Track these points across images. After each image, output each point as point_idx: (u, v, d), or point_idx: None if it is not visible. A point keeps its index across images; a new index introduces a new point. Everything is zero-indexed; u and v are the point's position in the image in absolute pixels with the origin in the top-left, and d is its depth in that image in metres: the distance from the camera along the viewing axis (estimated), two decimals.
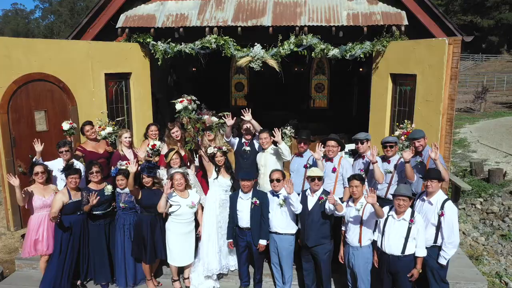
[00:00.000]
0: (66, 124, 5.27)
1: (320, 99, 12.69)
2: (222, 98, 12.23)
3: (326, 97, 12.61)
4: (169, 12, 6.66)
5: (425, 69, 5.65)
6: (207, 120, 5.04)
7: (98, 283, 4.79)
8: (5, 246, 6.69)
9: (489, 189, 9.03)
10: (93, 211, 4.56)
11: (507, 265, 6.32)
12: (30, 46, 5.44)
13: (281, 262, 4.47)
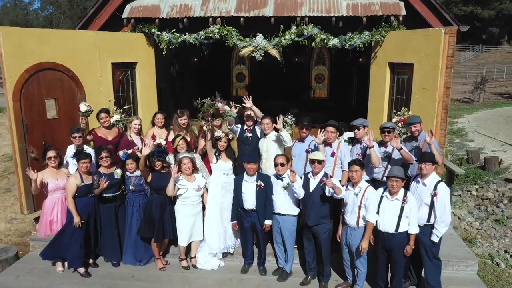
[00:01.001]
0: (83, 106, 5.51)
1: (320, 89, 12.82)
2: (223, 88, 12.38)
3: (326, 88, 12.75)
4: (173, 2, 6.82)
5: (422, 58, 5.84)
6: (220, 107, 5.24)
7: (109, 261, 5.05)
8: (17, 230, 6.94)
9: (484, 176, 9.26)
10: (103, 194, 4.80)
11: (499, 248, 6.59)
12: (41, 36, 5.63)
13: (284, 242, 4.72)
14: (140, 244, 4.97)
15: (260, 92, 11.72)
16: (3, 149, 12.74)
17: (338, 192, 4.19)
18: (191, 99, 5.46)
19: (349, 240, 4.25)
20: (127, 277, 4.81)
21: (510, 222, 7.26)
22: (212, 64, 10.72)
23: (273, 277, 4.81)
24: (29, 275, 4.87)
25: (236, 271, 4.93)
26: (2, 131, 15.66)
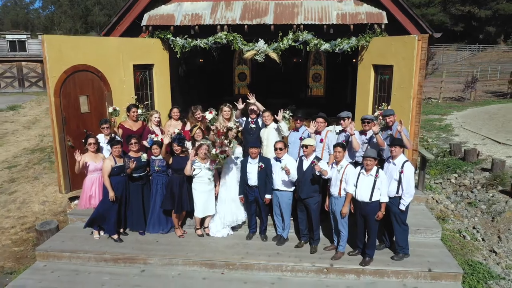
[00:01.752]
0: (110, 108, 6.57)
1: (317, 88, 13.82)
2: (226, 87, 13.43)
3: (322, 86, 13.74)
4: (186, 12, 7.85)
5: (400, 61, 6.88)
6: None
7: (136, 231, 6.10)
8: (50, 210, 8.00)
9: (463, 166, 10.30)
10: (132, 174, 5.84)
11: (468, 225, 7.65)
12: (76, 42, 6.68)
13: (281, 213, 5.76)
14: (162, 216, 6.03)
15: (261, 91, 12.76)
16: (22, 144, 13.80)
17: (324, 174, 5.22)
18: (197, 96, 6.53)
19: (333, 208, 5.30)
20: (153, 242, 5.86)
21: (480, 205, 8.30)
22: (216, 64, 11.75)
23: (273, 242, 5.86)
24: (71, 241, 5.92)
25: (242, 238, 5.98)
26: (17, 127, 16.73)
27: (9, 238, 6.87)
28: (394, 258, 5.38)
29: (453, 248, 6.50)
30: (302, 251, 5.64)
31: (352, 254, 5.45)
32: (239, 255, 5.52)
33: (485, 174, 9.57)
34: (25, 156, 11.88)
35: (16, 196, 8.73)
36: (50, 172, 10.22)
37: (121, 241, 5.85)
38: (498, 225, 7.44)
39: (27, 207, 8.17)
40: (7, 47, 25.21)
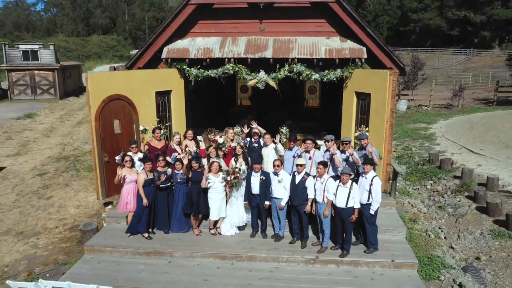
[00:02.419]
0: (141, 127, 8.12)
1: (313, 99, 15.30)
2: (230, 98, 14.94)
3: (318, 98, 15.24)
4: (198, 46, 9.39)
5: (376, 90, 8.42)
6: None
7: (162, 230, 7.63)
8: (84, 213, 9.54)
9: (439, 174, 11.84)
10: (160, 185, 7.38)
11: (435, 225, 9.20)
12: (111, 77, 8.24)
13: (278, 216, 7.30)
14: (183, 219, 7.57)
15: (261, 102, 14.25)
16: (45, 152, 15.34)
17: None
18: (204, 106, 8.02)
19: (318, 211, 6.84)
20: (176, 239, 7.40)
21: (448, 208, 9.85)
22: (220, 79, 13.27)
23: (271, 239, 7.40)
24: (111, 238, 7.46)
25: (247, 236, 7.53)
26: (37, 135, 18.28)
27: (55, 237, 8.41)
28: (366, 251, 6.93)
29: (418, 245, 8.05)
30: (294, 246, 7.19)
31: (334, 249, 7.00)
32: (245, 249, 7.07)
33: (456, 181, 11.11)
34: (51, 164, 13.42)
35: (53, 201, 10.28)
36: (78, 179, 11.78)
37: (151, 239, 7.39)
38: (459, 225, 9.00)
39: (64, 210, 9.71)
40: (20, 57, 26.73)
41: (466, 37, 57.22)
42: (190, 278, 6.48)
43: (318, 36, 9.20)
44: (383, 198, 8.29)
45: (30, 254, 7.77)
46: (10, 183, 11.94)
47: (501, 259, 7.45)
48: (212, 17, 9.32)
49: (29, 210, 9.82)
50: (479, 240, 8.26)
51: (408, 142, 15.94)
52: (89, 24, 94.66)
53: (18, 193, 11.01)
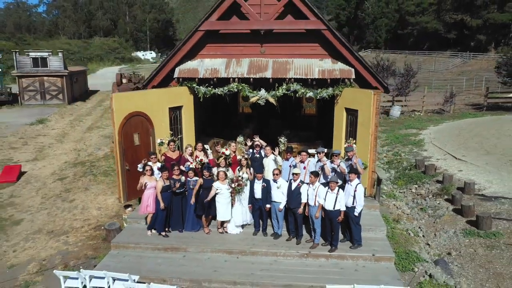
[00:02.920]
0: (158, 140, 9.39)
1: (310, 107, 16.51)
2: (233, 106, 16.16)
3: (314, 106, 16.48)
4: (206, 66, 10.65)
5: (362, 107, 9.68)
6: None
7: (176, 230, 8.90)
8: (106, 214, 10.80)
9: (423, 178, 13.11)
10: (175, 190, 8.64)
11: (415, 225, 10.46)
12: (131, 96, 9.51)
13: (277, 217, 8.56)
14: (195, 220, 8.84)
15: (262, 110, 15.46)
16: (61, 157, 16.60)
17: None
18: (208, 114, 9.30)
19: (311, 213, 8.11)
20: (189, 237, 8.67)
21: (429, 210, 11.11)
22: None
23: (271, 237, 8.67)
24: (133, 236, 8.73)
25: (250, 234, 8.80)
26: (51, 141, 19.54)
27: (83, 235, 9.68)
28: (352, 247, 8.20)
29: (398, 242, 9.32)
30: (290, 243, 8.46)
31: (324, 245, 8.27)
32: (248, 246, 8.34)
33: (437, 186, 12.38)
34: (69, 169, 14.68)
35: (76, 203, 11.55)
36: (96, 183, 13.05)
37: (167, 237, 8.67)
38: (437, 225, 10.26)
39: (87, 212, 10.98)
40: (30, 64, 28.00)
41: (463, 40, 58.48)
42: (203, 270, 7.76)
43: (312, 58, 10.47)
44: (369, 201, 9.63)
45: (62, 249, 9.04)
46: (34, 187, 13.20)
47: (468, 254, 8.71)
48: (219, 41, 10.59)
49: (55, 212, 11.08)
50: (452, 238, 9.52)
51: (398, 147, 17.21)
52: (90, 26, 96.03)
53: (42, 196, 12.28)
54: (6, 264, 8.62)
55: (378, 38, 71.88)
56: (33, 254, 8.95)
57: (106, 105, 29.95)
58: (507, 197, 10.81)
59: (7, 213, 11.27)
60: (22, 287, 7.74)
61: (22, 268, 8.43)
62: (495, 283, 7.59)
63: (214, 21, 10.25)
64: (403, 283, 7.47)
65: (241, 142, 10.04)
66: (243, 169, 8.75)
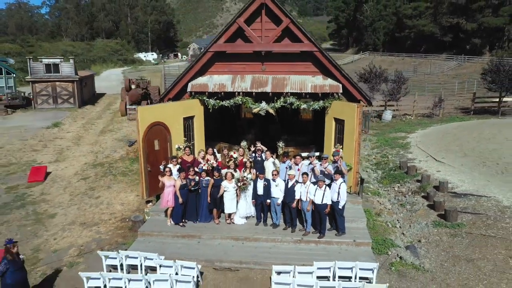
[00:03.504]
0: (176, 146, 11.23)
1: (306, 113, 18.28)
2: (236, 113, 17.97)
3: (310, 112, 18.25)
4: (215, 82, 12.47)
5: (348, 117, 11.51)
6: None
7: (191, 220, 10.74)
8: (128, 209, 12.62)
9: (405, 178, 14.93)
10: (191, 188, 10.47)
11: (394, 218, 12.29)
12: (152, 109, 11.36)
13: (276, 210, 10.40)
14: (207, 212, 10.68)
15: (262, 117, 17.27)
16: (80, 159, 18.43)
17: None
18: (218, 130, 11.17)
19: (303, 207, 9.95)
20: (202, 227, 10.51)
21: (407, 205, 12.93)
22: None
23: (270, 227, 10.51)
24: (155, 226, 10.57)
25: (252, 225, 10.63)
26: (68, 143, 21.37)
27: (111, 226, 11.51)
28: (337, 235, 10.03)
29: (378, 231, 11.14)
30: (286, 231, 10.30)
31: (314, 233, 10.11)
32: (251, 233, 10.18)
33: (417, 184, 14.20)
34: (90, 170, 16.52)
35: (101, 200, 13.39)
36: (116, 182, 14.89)
37: (184, 226, 10.50)
38: (412, 218, 12.09)
39: (112, 207, 12.81)
40: (43, 69, 29.84)
41: (459, 43, 60.29)
42: (215, 252, 9.60)
43: (306, 75, 12.30)
44: (353, 197, 11.49)
45: (96, 237, 10.88)
46: (60, 186, 15.04)
47: (434, 241, 10.54)
48: (226, 60, 12.42)
49: (84, 207, 12.92)
50: (424, 228, 11.35)
51: (386, 150, 19.04)
52: (92, 28, 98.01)
53: (70, 194, 14.12)
54: (50, 249, 10.45)
55: (376, 40, 73.71)
56: (71, 241, 10.79)
57: (115, 108, 31.81)
58: (474, 194, 12.63)
59: (42, 208, 13.11)
60: (67, 266, 9.58)
61: (64, 252, 10.27)
62: (452, 263, 9.42)
63: (222, 43, 12.08)
64: (377, 262, 9.29)
65: (244, 146, 11.91)
66: (248, 170, 10.59)
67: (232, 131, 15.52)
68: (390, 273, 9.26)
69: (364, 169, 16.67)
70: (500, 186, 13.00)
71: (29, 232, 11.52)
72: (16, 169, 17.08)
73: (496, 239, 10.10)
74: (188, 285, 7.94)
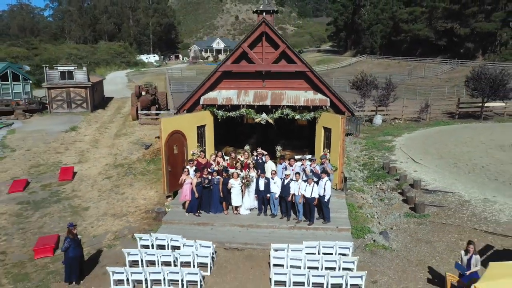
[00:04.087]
0: (192, 152, 13.77)
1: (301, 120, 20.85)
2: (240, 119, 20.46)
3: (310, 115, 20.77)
4: (223, 96, 14.98)
5: (334, 127, 14.03)
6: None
7: (205, 211, 13.25)
8: (150, 203, 15.14)
9: (386, 177, 17.45)
10: (205, 185, 12.99)
11: (374, 210, 14.80)
12: (172, 120, 13.89)
13: (274, 202, 12.93)
14: (218, 205, 13.20)
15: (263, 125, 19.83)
16: (101, 160, 20.95)
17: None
18: (224, 135, 13.73)
19: (296, 200, 12.47)
20: (214, 217, 13.04)
21: (385, 200, 15.44)
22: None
23: (269, 216, 13.03)
24: (175, 216, 13.09)
25: (255, 215, 13.16)
26: (87, 146, 23.88)
27: (138, 216, 14.02)
28: (323, 222, 12.55)
29: (358, 221, 13.65)
30: (282, 220, 12.82)
31: (304, 221, 12.63)
32: (254, 222, 12.70)
33: (395, 182, 16.72)
34: (112, 170, 19.04)
35: (126, 195, 15.90)
36: (136, 181, 17.40)
37: (199, 216, 13.02)
38: (388, 210, 14.60)
39: (136, 201, 15.33)
40: (58, 76, 32.36)
41: (453, 47, 62.78)
42: (225, 236, 12.12)
43: (299, 90, 14.82)
44: (338, 193, 14.00)
45: (127, 225, 13.40)
46: (88, 184, 17.56)
47: (403, 228, 13.05)
48: (232, 77, 14.94)
49: (112, 201, 15.44)
50: (397, 218, 13.86)
51: (373, 152, 21.55)
52: (95, 30, 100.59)
53: (98, 190, 16.64)
54: (90, 235, 12.97)
55: (373, 43, 76.21)
56: (106, 228, 13.32)
57: (124, 112, 34.32)
58: (442, 191, 15.15)
59: (75, 202, 15.63)
60: (106, 247, 12.10)
61: (102, 237, 12.79)
62: (414, 244, 11.94)
63: (229, 64, 14.60)
64: (352, 242, 11.76)
65: (248, 150, 14.43)
66: (251, 170, 13.11)
67: (236, 136, 18.01)
68: (365, 252, 11.78)
69: (352, 169, 19.21)
70: (465, 184, 15.53)
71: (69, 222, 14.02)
72: (46, 169, 19.59)
73: (452, 226, 12.63)
74: (206, 259, 10.45)
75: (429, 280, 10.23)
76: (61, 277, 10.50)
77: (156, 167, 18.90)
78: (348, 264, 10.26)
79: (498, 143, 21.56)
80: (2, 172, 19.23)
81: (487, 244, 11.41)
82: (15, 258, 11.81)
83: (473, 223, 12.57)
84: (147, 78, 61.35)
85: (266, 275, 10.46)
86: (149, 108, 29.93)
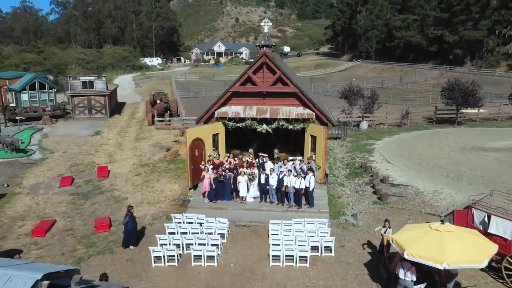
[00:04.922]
0: (209, 154, 18.41)
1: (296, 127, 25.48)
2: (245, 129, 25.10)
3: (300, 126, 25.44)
4: (232, 110, 19.57)
5: (318, 135, 18.63)
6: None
7: (220, 200, 17.85)
8: (175, 194, 19.72)
9: (363, 174, 22.03)
10: (219, 180, 17.57)
11: (350, 200, 19.38)
12: (194, 130, 18.51)
13: (272, 192, 17.52)
14: (230, 195, 17.80)
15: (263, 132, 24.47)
16: (128, 161, 25.57)
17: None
18: (232, 140, 18.37)
19: (288, 190, 17.05)
20: (227, 203, 17.62)
21: (360, 192, 20.00)
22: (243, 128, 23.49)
23: (268, 203, 17.63)
24: (198, 203, 17.67)
25: (257, 202, 17.75)
26: (113, 148, 28.51)
27: (168, 204, 18.59)
28: (308, 207, 17.14)
29: (336, 207, 18.22)
30: (278, 205, 17.42)
31: (294, 206, 17.21)
32: (257, 207, 17.30)
33: (369, 178, 21.31)
34: (140, 169, 23.61)
35: (155, 188, 20.48)
36: (161, 177, 21.98)
37: (216, 203, 17.61)
38: (361, 199, 19.19)
39: (164, 193, 19.90)
40: (80, 86, 36.95)
41: (443, 53, 67.44)
42: (235, 216, 16.71)
43: (292, 106, 19.42)
44: (321, 185, 18.64)
45: (161, 210, 17.97)
46: (121, 180, 22.13)
47: (369, 212, 17.63)
48: (239, 96, 19.54)
49: (145, 193, 20.02)
50: (366, 205, 18.44)
51: (356, 154, 26.15)
52: (100, 34, 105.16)
53: (132, 185, 21.22)
54: None
55: (369, 48, 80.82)
56: (145, 212, 17.91)
57: (138, 117, 38.89)
58: (404, 185, 19.77)
59: (116, 194, 20.22)
60: (148, 225, 16.68)
61: (143, 218, 17.36)
62: (375, 222, 16.52)
63: (237, 86, 19.22)
64: (328, 219, 16.25)
65: (251, 153, 19.06)
66: (255, 168, 17.70)
67: (242, 142, 22.63)
68: (338, 228, 16.37)
69: (337, 168, 23.82)
70: (423, 179, 20.16)
71: (114, 208, 18.63)
72: (83, 168, 24.18)
73: (405, 210, 17.25)
74: (223, 231, 15.05)
75: (380, 245, 14.82)
76: (119, 244, 15.06)
77: (176, 166, 23.51)
78: (325, 235, 14.85)
79: (461, 146, 26.21)
80: (48, 170, 23.81)
81: (426, 221, 16.01)
82: (81, 233, 16.39)
83: (420, 208, 17.20)
84: (153, 82, 65.95)
85: (266, 242, 15.04)
86: (163, 115, 34.52)
